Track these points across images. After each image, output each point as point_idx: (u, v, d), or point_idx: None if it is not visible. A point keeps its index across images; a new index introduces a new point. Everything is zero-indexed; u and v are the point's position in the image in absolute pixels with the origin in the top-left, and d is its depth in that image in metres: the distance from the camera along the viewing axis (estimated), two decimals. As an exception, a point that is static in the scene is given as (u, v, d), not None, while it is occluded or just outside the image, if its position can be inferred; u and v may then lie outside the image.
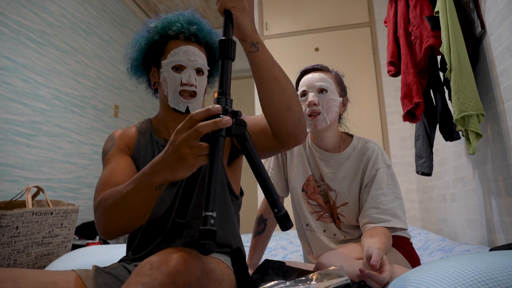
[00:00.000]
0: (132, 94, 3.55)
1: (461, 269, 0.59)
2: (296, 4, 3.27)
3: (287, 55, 3.16)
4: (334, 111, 1.14)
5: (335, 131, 1.19)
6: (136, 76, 1.04)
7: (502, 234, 1.45)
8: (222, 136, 0.58)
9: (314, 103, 1.11)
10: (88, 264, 1.24)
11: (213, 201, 0.53)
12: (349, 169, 1.15)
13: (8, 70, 2.11)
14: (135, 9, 3.71)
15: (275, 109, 0.75)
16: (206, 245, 0.50)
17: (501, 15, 1.34)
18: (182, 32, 0.95)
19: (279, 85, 0.74)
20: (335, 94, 1.15)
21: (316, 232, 1.18)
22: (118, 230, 0.77)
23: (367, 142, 1.17)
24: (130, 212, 0.74)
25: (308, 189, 1.21)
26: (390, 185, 1.09)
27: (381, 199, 1.06)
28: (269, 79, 0.73)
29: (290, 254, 1.83)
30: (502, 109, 1.38)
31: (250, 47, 0.71)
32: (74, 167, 2.63)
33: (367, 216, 1.07)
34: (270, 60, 0.73)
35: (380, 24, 2.99)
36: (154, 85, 1.01)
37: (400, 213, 1.06)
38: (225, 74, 0.63)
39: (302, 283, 0.72)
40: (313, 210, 1.20)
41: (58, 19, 2.57)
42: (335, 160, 1.17)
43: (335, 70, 1.24)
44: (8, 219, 1.40)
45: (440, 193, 2.22)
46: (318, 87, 1.13)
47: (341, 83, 1.22)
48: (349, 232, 1.16)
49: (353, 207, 1.14)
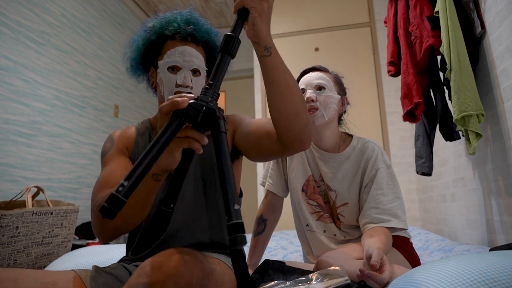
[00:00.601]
0: (132, 94, 3.55)
1: (461, 269, 0.59)
2: (296, 4, 3.27)
3: (287, 55, 3.15)
4: (332, 108, 1.14)
5: (335, 130, 1.19)
6: (135, 75, 1.03)
7: (502, 234, 1.45)
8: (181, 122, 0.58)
9: (312, 99, 1.12)
10: (88, 264, 1.24)
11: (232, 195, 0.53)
12: (349, 169, 1.15)
13: (8, 70, 2.10)
14: (135, 9, 3.71)
15: (284, 115, 0.74)
16: (237, 238, 0.48)
17: (501, 15, 1.34)
18: (178, 32, 0.94)
19: (289, 91, 0.73)
20: (333, 92, 1.16)
21: (316, 232, 1.18)
22: (115, 229, 0.74)
23: (367, 142, 1.17)
24: (125, 209, 0.69)
25: (308, 189, 1.21)
26: (390, 185, 1.09)
27: (381, 199, 1.06)
28: (280, 84, 0.73)
29: (290, 254, 1.83)
30: (502, 109, 1.38)
31: (263, 51, 0.70)
32: (74, 167, 2.63)
33: (367, 216, 1.07)
34: (282, 65, 0.73)
35: (380, 24, 2.99)
36: (153, 84, 1.01)
37: (400, 213, 1.06)
38: (220, 68, 0.62)
39: (302, 283, 0.72)
40: (313, 210, 1.20)
41: (58, 19, 2.57)
42: (335, 160, 1.17)
43: (335, 72, 1.24)
44: (8, 219, 1.40)
45: (440, 193, 2.22)
46: (316, 84, 1.14)
47: (340, 83, 1.22)
48: (349, 232, 1.16)
49: (353, 207, 1.14)
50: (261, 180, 1.37)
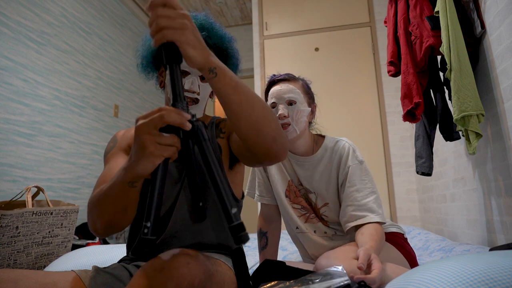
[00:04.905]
0: (132, 94, 3.55)
1: (461, 269, 0.59)
2: (296, 4, 3.26)
3: (287, 55, 3.16)
4: (303, 121, 1.14)
5: (307, 137, 1.20)
6: (145, 72, 1.03)
7: (502, 234, 1.45)
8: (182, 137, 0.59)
9: (284, 115, 1.11)
10: (88, 264, 1.24)
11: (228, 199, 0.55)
12: (324, 170, 1.16)
13: (8, 70, 2.10)
14: (135, 9, 3.71)
15: (244, 134, 0.70)
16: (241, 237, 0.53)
17: (501, 15, 1.34)
18: None
19: (243, 110, 0.68)
20: (303, 105, 1.15)
21: (307, 233, 1.19)
22: (105, 227, 0.75)
23: (338, 140, 1.18)
24: (109, 207, 0.73)
25: (290, 194, 1.22)
26: (364, 180, 1.10)
27: (355, 195, 1.07)
28: (232, 104, 0.68)
29: (290, 255, 1.83)
30: (502, 109, 1.38)
31: (208, 74, 0.65)
32: (74, 167, 2.63)
33: (345, 215, 1.08)
34: (231, 83, 0.67)
35: (380, 24, 2.99)
36: (161, 83, 1.01)
37: (376, 207, 1.06)
38: (175, 79, 0.60)
39: (302, 283, 0.72)
40: (299, 213, 1.21)
41: (58, 19, 2.57)
42: (309, 163, 1.18)
43: (301, 77, 1.23)
44: (8, 219, 1.40)
45: (440, 193, 2.22)
46: (287, 99, 1.13)
47: (309, 92, 1.22)
48: (338, 228, 1.17)
49: (333, 207, 1.16)
50: (246, 192, 1.34)
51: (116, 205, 0.72)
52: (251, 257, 1.62)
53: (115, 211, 0.73)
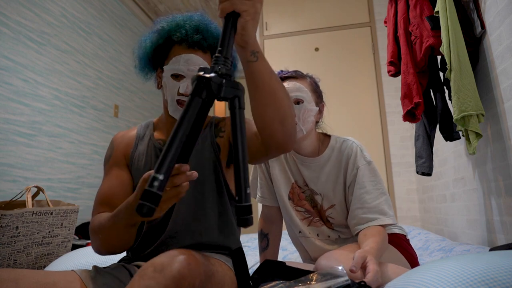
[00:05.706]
0: (132, 94, 3.55)
1: (461, 269, 0.59)
2: (296, 4, 3.26)
3: (287, 55, 3.16)
4: (310, 121, 1.11)
5: (313, 138, 1.17)
6: (143, 73, 1.03)
7: (502, 234, 1.45)
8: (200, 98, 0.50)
9: None
10: (88, 264, 1.24)
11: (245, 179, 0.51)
12: (331, 171, 1.14)
13: (8, 70, 2.10)
14: (135, 9, 3.71)
15: (268, 122, 0.71)
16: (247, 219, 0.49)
17: (501, 15, 1.34)
18: (185, 40, 0.92)
19: (275, 98, 0.69)
20: (311, 104, 1.11)
21: (310, 237, 1.17)
22: (108, 252, 0.81)
23: (345, 140, 1.15)
24: (111, 241, 0.78)
25: (294, 197, 1.20)
26: (373, 182, 1.08)
27: (365, 197, 1.05)
28: (265, 91, 0.69)
29: (290, 255, 1.83)
30: (502, 109, 1.38)
31: (250, 56, 0.66)
32: (74, 167, 2.63)
33: (355, 217, 1.06)
34: (268, 70, 0.68)
35: (380, 24, 2.99)
36: (159, 84, 1.01)
37: (387, 209, 1.04)
38: (227, 32, 0.56)
39: (302, 283, 0.72)
40: (302, 216, 1.19)
41: (58, 19, 2.56)
42: (316, 164, 1.15)
43: (310, 74, 1.20)
44: (8, 219, 1.40)
45: (440, 193, 2.22)
46: (294, 97, 1.09)
47: (317, 90, 1.18)
48: (342, 231, 1.15)
49: (340, 208, 1.13)
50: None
51: (119, 240, 0.78)
52: (251, 257, 1.62)
53: (117, 244, 0.79)
